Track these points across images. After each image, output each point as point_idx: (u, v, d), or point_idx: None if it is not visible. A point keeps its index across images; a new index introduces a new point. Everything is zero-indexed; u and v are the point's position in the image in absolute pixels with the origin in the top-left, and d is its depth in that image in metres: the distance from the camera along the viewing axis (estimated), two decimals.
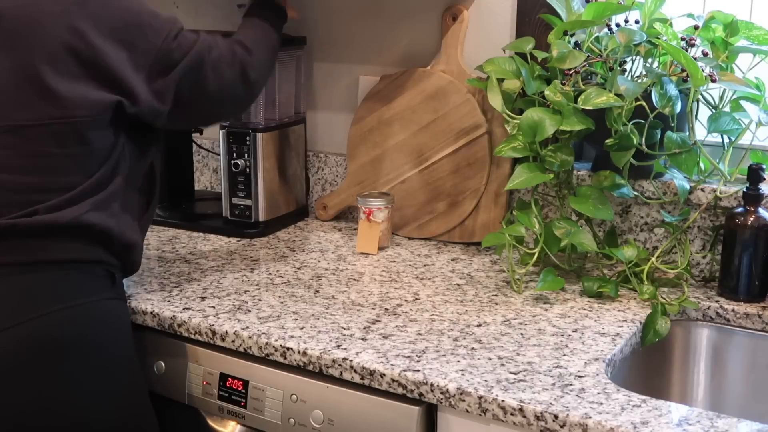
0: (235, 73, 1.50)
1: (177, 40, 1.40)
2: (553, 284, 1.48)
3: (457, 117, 1.77)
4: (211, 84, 1.46)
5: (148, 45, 1.36)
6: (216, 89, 1.48)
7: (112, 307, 1.36)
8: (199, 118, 1.60)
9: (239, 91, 1.53)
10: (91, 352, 1.30)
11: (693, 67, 1.41)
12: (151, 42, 1.37)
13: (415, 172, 1.83)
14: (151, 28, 1.37)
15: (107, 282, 1.36)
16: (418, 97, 1.81)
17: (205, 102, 1.48)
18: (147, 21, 1.37)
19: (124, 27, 1.34)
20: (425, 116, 1.80)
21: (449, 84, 1.77)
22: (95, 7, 1.33)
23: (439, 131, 1.79)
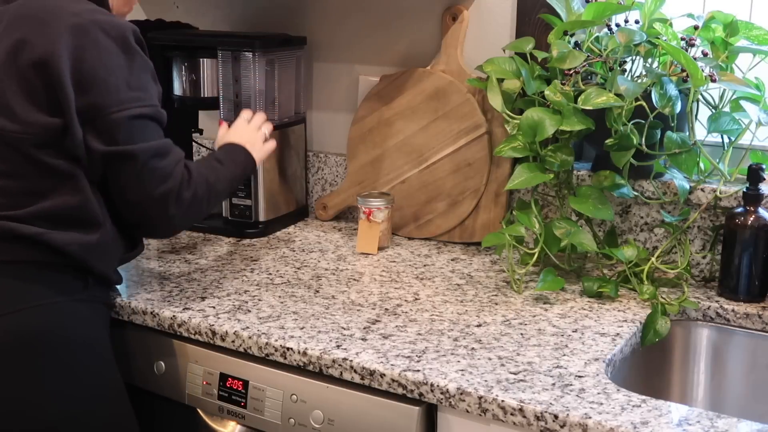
0: (158, 191, 1.38)
1: (131, 123, 1.34)
2: (553, 284, 1.48)
3: (457, 117, 1.77)
4: (130, 188, 1.37)
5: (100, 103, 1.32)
6: (132, 195, 1.38)
7: (83, 308, 1.36)
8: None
9: (152, 213, 1.40)
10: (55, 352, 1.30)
11: (693, 67, 1.40)
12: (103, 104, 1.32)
13: (415, 172, 1.83)
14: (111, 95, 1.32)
15: (78, 284, 1.36)
16: (418, 97, 1.81)
17: (117, 195, 1.39)
18: (114, 84, 1.32)
19: (92, 78, 1.31)
20: (425, 116, 1.80)
21: (449, 84, 1.77)
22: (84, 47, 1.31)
23: (439, 131, 1.79)
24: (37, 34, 1.29)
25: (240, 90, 1.83)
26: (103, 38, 1.31)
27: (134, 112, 1.34)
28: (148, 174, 1.36)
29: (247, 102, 1.82)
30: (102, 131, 1.32)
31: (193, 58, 1.87)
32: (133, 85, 1.34)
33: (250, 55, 1.80)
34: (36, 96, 1.30)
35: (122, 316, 1.47)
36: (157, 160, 1.37)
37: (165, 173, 1.38)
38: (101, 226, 1.36)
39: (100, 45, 1.31)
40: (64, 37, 1.29)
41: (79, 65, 1.29)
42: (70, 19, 1.30)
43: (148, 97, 1.37)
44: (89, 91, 1.30)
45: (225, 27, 2.08)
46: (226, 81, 1.83)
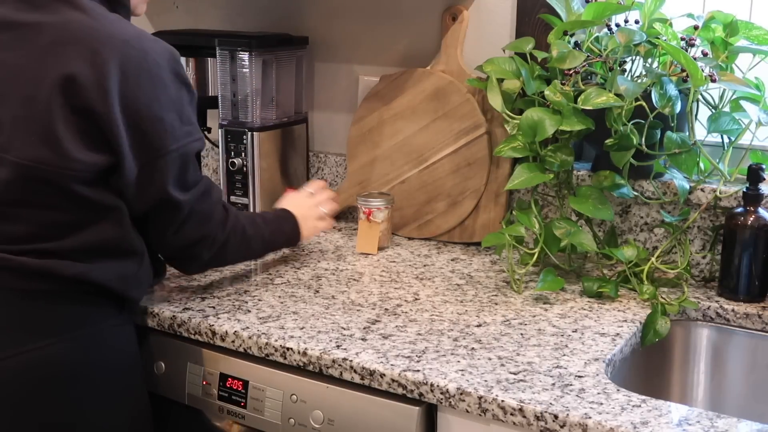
0: (193, 237, 1.38)
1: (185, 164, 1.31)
2: (553, 284, 1.48)
3: (457, 117, 1.77)
4: (169, 225, 1.36)
5: (155, 142, 1.27)
6: (171, 236, 1.37)
7: (118, 333, 1.33)
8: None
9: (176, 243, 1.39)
10: (94, 384, 1.28)
11: (693, 67, 1.40)
12: (158, 141, 1.27)
13: (415, 172, 1.83)
14: (168, 131, 1.28)
15: (113, 311, 1.32)
16: (418, 97, 1.81)
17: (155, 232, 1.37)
18: (169, 122, 1.27)
19: (146, 115, 1.25)
20: (425, 116, 1.80)
21: (449, 84, 1.77)
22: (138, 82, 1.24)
23: (439, 131, 1.79)
24: (88, 67, 1.21)
25: (237, 89, 1.83)
26: (155, 70, 1.26)
27: (187, 148, 1.31)
28: (191, 218, 1.36)
29: (244, 101, 1.82)
30: (154, 171, 1.28)
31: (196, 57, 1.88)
32: (185, 118, 1.30)
33: (246, 55, 1.80)
34: (87, 133, 1.23)
35: None
36: (200, 203, 1.37)
37: (206, 216, 1.38)
38: (139, 257, 1.34)
39: (154, 79, 1.26)
40: (116, 71, 1.22)
41: (132, 103, 1.23)
42: (121, 48, 1.23)
43: (196, 129, 1.34)
44: (143, 129, 1.25)
45: (225, 27, 2.08)
46: (224, 80, 1.83)
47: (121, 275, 1.31)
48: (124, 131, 1.23)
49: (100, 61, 1.21)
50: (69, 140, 1.22)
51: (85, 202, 1.25)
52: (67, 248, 1.25)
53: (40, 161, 1.22)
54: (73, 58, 1.21)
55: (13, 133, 1.23)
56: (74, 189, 1.23)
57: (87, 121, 1.22)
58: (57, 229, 1.25)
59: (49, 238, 1.25)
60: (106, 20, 1.26)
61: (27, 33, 1.25)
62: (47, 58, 1.23)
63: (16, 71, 1.24)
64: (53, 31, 1.24)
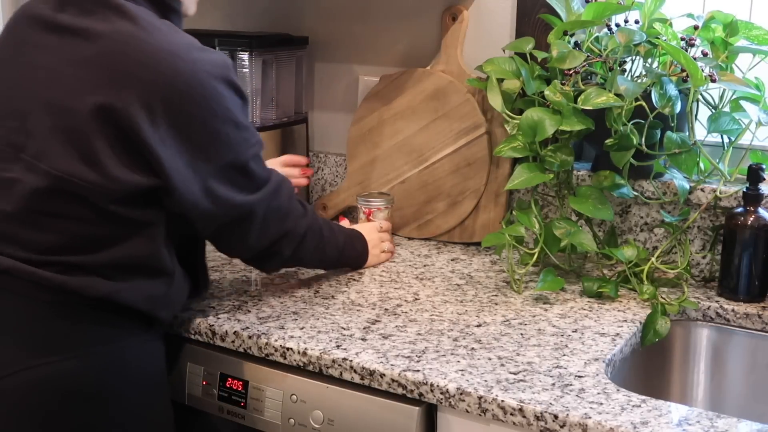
0: (276, 234, 1.37)
1: (249, 168, 1.28)
2: (553, 284, 1.48)
3: (457, 117, 1.77)
4: (250, 230, 1.33)
5: (212, 155, 1.23)
6: (249, 234, 1.34)
7: (147, 348, 1.29)
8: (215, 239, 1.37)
9: (261, 244, 1.37)
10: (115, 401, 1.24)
11: (693, 67, 1.40)
12: (216, 154, 1.24)
13: (415, 172, 1.83)
14: (225, 142, 1.24)
15: (142, 327, 1.28)
16: (418, 97, 1.81)
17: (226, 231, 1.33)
18: (225, 133, 1.23)
19: (202, 131, 1.21)
20: (425, 116, 1.80)
21: (449, 84, 1.77)
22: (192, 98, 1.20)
23: (439, 131, 1.79)
24: (134, 82, 1.17)
25: None
26: (207, 81, 1.21)
27: (246, 154, 1.27)
28: (270, 217, 1.34)
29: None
30: (218, 186, 1.24)
31: None
32: (240, 125, 1.25)
33: (246, 55, 1.80)
34: (128, 153, 1.18)
35: None
36: (274, 200, 1.34)
37: (284, 211, 1.37)
38: (170, 276, 1.29)
39: (206, 91, 1.20)
40: (165, 87, 1.18)
41: (184, 119, 1.19)
42: (170, 61, 1.19)
43: (251, 132, 1.29)
44: (199, 145, 1.21)
45: (225, 27, 2.08)
46: None
47: (150, 296, 1.27)
48: (176, 151, 1.19)
49: (147, 77, 1.17)
50: (108, 157, 1.17)
51: (117, 218, 1.21)
52: (96, 263, 1.21)
53: (75, 175, 1.18)
54: (118, 72, 1.18)
55: (47, 142, 1.19)
56: (107, 206, 1.19)
57: (130, 140, 1.17)
58: (85, 243, 1.21)
59: (76, 250, 1.21)
60: (155, 30, 1.21)
61: (74, 39, 1.21)
62: (91, 70, 1.18)
63: (57, 77, 1.21)
64: (100, 41, 1.19)
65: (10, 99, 1.25)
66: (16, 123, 1.23)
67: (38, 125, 1.21)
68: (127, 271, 1.24)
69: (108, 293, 1.22)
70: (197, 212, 1.25)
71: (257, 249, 1.38)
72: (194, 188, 1.22)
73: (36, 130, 1.21)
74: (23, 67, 1.25)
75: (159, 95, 1.17)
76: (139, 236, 1.24)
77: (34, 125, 1.21)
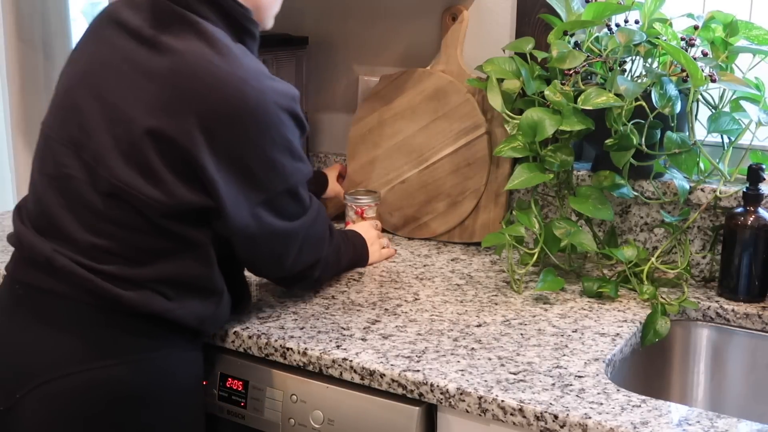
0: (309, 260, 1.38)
1: (297, 196, 1.29)
2: (553, 284, 1.48)
3: (457, 117, 1.77)
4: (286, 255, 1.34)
5: (265, 184, 1.24)
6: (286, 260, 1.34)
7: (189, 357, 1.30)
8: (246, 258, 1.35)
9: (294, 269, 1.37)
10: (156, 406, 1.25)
11: (693, 67, 1.40)
12: (269, 183, 1.24)
13: (415, 173, 1.83)
14: (280, 172, 1.25)
15: (187, 338, 1.29)
16: (417, 97, 1.81)
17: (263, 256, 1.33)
18: (281, 162, 1.24)
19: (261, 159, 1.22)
20: (425, 116, 1.80)
21: (449, 84, 1.77)
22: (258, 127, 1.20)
23: (439, 131, 1.79)
24: (199, 104, 1.17)
25: None
26: (272, 109, 1.21)
27: (296, 182, 1.28)
28: (306, 244, 1.35)
29: None
30: (265, 212, 1.25)
31: None
32: (296, 154, 1.26)
33: None
34: (186, 172, 1.18)
35: None
36: (313, 228, 1.36)
37: (319, 239, 1.39)
38: (219, 296, 1.29)
39: (270, 119, 1.21)
40: (229, 111, 1.18)
41: (243, 145, 1.19)
42: (239, 86, 1.18)
43: (304, 161, 1.29)
44: (254, 172, 1.21)
45: None
46: None
47: (201, 316, 1.27)
48: (231, 175, 1.20)
49: (213, 99, 1.17)
50: (166, 174, 1.18)
51: (169, 233, 1.21)
52: (149, 278, 1.21)
53: (134, 187, 1.18)
54: (184, 90, 1.18)
55: (105, 147, 1.20)
56: (160, 220, 1.20)
57: (185, 161, 1.18)
58: (139, 253, 1.21)
59: (130, 261, 1.21)
60: (228, 53, 1.21)
61: (149, 50, 1.21)
62: (158, 84, 1.19)
63: (126, 84, 1.21)
64: (173, 59, 1.19)
65: (77, 96, 1.25)
66: (77, 119, 1.24)
67: (98, 127, 1.21)
68: (180, 289, 1.24)
69: (161, 312, 1.22)
70: (242, 236, 1.25)
71: (290, 272, 1.38)
72: (244, 213, 1.23)
73: (94, 132, 1.21)
74: (97, 64, 1.26)
75: (223, 119, 1.18)
76: (191, 254, 1.24)
77: (95, 126, 1.22)
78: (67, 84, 1.29)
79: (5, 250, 1.75)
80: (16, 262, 1.28)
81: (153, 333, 1.24)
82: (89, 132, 1.22)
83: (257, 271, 1.39)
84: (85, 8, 2.71)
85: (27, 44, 2.31)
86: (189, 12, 1.23)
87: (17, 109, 2.33)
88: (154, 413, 1.24)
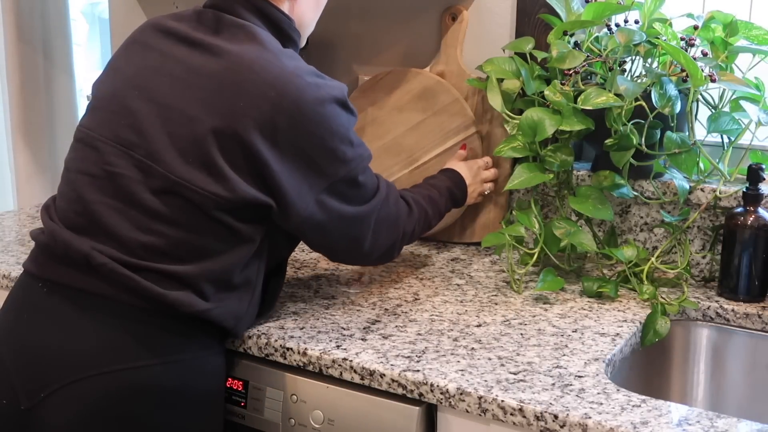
0: (388, 241, 1.40)
1: (359, 181, 1.31)
2: (553, 284, 1.48)
3: (446, 117, 1.76)
4: (362, 239, 1.36)
5: (328, 171, 1.26)
6: (362, 244, 1.36)
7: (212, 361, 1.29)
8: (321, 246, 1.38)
9: (375, 253, 1.40)
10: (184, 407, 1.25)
11: (693, 67, 1.41)
12: (331, 170, 1.27)
13: (406, 173, 1.82)
14: (342, 159, 1.27)
15: (216, 340, 1.30)
16: (405, 97, 1.80)
17: (338, 242, 1.35)
18: (342, 151, 1.27)
19: (319, 152, 1.25)
20: (413, 116, 1.79)
21: (437, 84, 1.76)
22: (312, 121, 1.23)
23: (428, 131, 1.78)
24: (258, 102, 1.19)
25: None
26: (329, 104, 1.24)
27: (358, 168, 1.30)
28: (381, 226, 1.37)
29: None
30: (330, 200, 1.28)
31: None
32: (355, 141, 1.30)
33: None
34: (248, 168, 1.21)
35: None
36: (384, 208, 1.37)
37: (393, 218, 1.40)
38: (252, 293, 1.31)
39: (326, 111, 1.24)
40: (288, 107, 1.20)
41: (306, 138, 1.22)
42: (295, 82, 1.22)
43: (363, 146, 1.33)
44: (317, 162, 1.24)
45: None
46: None
47: (236, 314, 1.28)
48: (293, 167, 1.23)
49: (271, 95, 1.20)
50: (228, 170, 1.20)
51: (222, 230, 1.23)
52: (191, 275, 1.22)
53: (194, 182, 1.20)
54: (242, 90, 1.20)
55: (162, 145, 1.21)
56: (215, 216, 1.21)
57: (247, 156, 1.20)
58: (184, 251, 1.22)
59: (174, 258, 1.21)
60: (281, 54, 1.25)
61: (204, 53, 1.24)
62: (217, 84, 1.21)
63: (182, 85, 1.23)
64: (229, 58, 1.23)
65: (126, 98, 1.26)
66: (128, 121, 1.24)
67: (152, 127, 1.22)
68: (221, 288, 1.25)
69: (201, 311, 1.23)
70: (311, 225, 1.28)
71: (370, 257, 1.40)
72: (309, 202, 1.26)
73: (150, 131, 1.22)
74: (146, 69, 1.27)
75: (282, 114, 1.20)
76: (238, 252, 1.25)
77: (148, 126, 1.22)
78: (112, 89, 1.30)
79: (5, 250, 1.76)
80: (41, 260, 1.27)
81: (186, 333, 1.24)
82: (143, 132, 1.23)
83: (338, 257, 1.42)
84: (85, 8, 2.71)
85: (27, 44, 2.31)
86: (238, 18, 1.27)
87: (17, 109, 2.33)
88: (181, 413, 1.24)
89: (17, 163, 2.37)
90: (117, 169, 1.23)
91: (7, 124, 2.37)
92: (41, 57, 2.33)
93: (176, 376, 1.23)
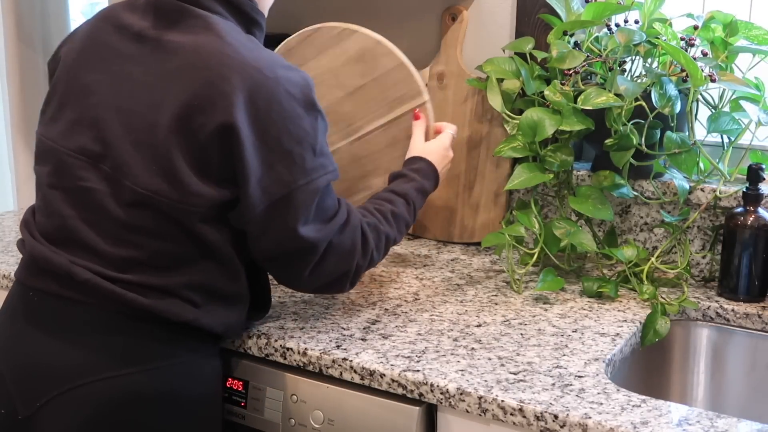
0: (336, 273, 1.28)
1: (315, 197, 1.22)
2: (553, 284, 1.48)
3: (390, 83, 1.55)
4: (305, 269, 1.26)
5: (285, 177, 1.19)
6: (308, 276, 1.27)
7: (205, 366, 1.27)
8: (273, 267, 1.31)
9: (315, 282, 1.29)
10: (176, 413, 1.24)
11: (692, 67, 1.41)
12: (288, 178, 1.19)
13: (345, 144, 1.61)
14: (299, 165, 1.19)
15: (210, 345, 1.29)
16: (340, 58, 1.58)
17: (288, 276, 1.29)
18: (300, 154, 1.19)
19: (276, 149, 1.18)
20: (350, 81, 1.57)
21: (377, 45, 1.55)
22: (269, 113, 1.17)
23: (369, 99, 1.57)
24: (215, 96, 1.15)
25: None
26: (288, 99, 1.18)
27: (318, 182, 1.21)
28: (329, 255, 1.26)
29: None
30: (282, 207, 1.19)
31: None
32: (318, 150, 1.21)
33: None
34: (208, 167, 1.16)
35: None
36: (339, 236, 1.26)
37: (346, 249, 1.27)
38: (243, 304, 1.28)
39: (286, 109, 1.17)
40: (246, 101, 1.15)
41: (261, 135, 1.16)
42: (254, 76, 1.16)
43: (329, 160, 1.24)
44: (271, 162, 1.17)
45: None
46: None
47: (227, 323, 1.27)
48: (251, 165, 1.16)
49: (228, 90, 1.15)
50: (187, 173, 1.16)
51: (198, 239, 1.20)
52: (176, 285, 1.20)
53: (159, 193, 1.16)
54: (199, 85, 1.16)
55: (128, 156, 1.18)
56: (191, 224, 1.18)
57: (209, 153, 1.16)
58: (165, 261, 1.20)
59: (156, 269, 1.20)
60: (240, 45, 1.19)
61: (157, 51, 1.20)
62: (173, 83, 1.17)
63: (141, 90, 1.19)
64: (184, 54, 1.18)
65: (87, 107, 1.23)
66: (92, 132, 1.21)
67: (117, 137, 1.19)
68: (207, 296, 1.23)
69: (189, 320, 1.22)
70: (256, 230, 1.21)
71: (311, 286, 1.31)
72: (259, 205, 1.19)
73: (115, 142, 1.19)
74: (104, 73, 1.24)
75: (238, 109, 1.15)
76: (219, 260, 1.23)
77: (113, 137, 1.20)
78: (66, 95, 1.26)
79: (5, 251, 1.76)
80: (29, 270, 1.26)
81: (177, 340, 1.23)
82: (108, 143, 1.20)
83: (281, 279, 1.32)
84: (85, 8, 2.71)
85: (27, 44, 2.31)
86: (195, 7, 1.22)
87: (17, 109, 2.33)
88: (175, 419, 1.24)
89: (17, 163, 2.37)
90: (87, 183, 1.20)
91: (7, 124, 2.37)
92: (41, 57, 2.33)
93: (170, 380, 1.22)
